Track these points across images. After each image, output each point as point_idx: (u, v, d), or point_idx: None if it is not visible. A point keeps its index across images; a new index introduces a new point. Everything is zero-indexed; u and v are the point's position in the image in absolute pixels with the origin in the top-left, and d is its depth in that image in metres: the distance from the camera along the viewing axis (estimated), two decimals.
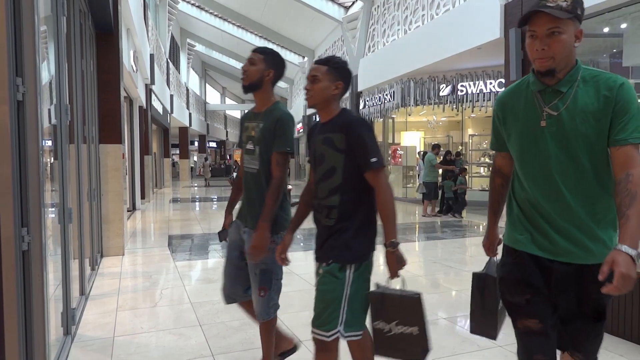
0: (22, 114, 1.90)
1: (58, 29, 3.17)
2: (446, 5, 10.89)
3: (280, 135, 2.29)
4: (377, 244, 2.05)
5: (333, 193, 1.98)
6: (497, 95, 1.79)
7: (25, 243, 1.90)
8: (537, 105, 1.59)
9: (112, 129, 5.79)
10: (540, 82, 1.58)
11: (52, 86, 3.25)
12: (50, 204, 3.11)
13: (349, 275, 1.95)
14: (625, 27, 7.27)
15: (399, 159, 13.87)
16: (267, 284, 2.36)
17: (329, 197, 1.99)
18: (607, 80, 1.51)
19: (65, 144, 3.25)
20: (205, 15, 22.16)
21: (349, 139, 1.93)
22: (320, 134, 2.03)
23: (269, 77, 2.35)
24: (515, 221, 1.70)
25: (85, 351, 3.03)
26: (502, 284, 1.72)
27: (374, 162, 1.90)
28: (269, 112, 2.36)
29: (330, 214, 2.00)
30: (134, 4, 8.34)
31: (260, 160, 2.35)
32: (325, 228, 2.03)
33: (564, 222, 1.56)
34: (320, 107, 2.02)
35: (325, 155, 2.00)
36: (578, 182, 1.54)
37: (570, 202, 1.55)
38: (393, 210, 1.93)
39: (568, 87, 1.53)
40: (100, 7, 4.94)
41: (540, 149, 1.59)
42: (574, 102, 1.52)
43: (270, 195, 2.26)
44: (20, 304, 1.87)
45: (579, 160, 1.53)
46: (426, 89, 12.45)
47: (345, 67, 2.05)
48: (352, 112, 2.07)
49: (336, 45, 18.85)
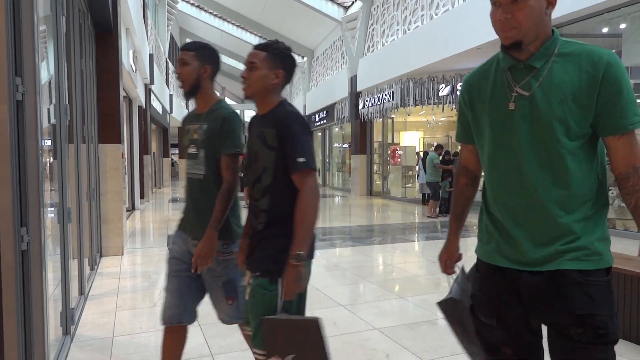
0: (21, 113, 1.89)
1: (57, 28, 3.17)
2: (445, 5, 10.89)
3: (228, 137, 2.09)
4: (315, 250, 1.90)
5: (264, 194, 1.79)
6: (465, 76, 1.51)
7: (25, 243, 1.90)
8: (506, 85, 1.34)
9: (111, 129, 5.79)
10: (510, 57, 1.32)
11: (52, 86, 3.24)
12: (50, 203, 3.11)
13: (281, 287, 1.75)
14: (624, 27, 7.28)
15: (398, 159, 13.87)
16: (233, 293, 2.20)
17: (261, 199, 1.81)
18: (590, 54, 1.25)
19: (64, 143, 3.25)
20: (204, 15, 22.15)
21: (280, 135, 1.74)
22: (256, 128, 1.84)
23: (206, 74, 2.16)
24: (483, 228, 1.46)
25: (84, 351, 3.03)
26: (473, 302, 1.49)
27: (300, 162, 1.70)
28: (212, 111, 2.16)
29: (260, 217, 1.81)
30: (133, 4, 8.33)
31: (206, 164, 2.15)
32: (255, 233, 1.84)
33: (536, 226, 1.31)
34: (258, 98, 1.81)
35: (258, 153, 1.80)
36: (553, 174, 1.29)
37: (544, 201, 1.29)
38: (312, 219, 1.71)
39: (543, 61, 1.28)
40: (100, 7, 4.93)
41: (509, 137, 1.33)
42: (548, 80, 1.27)
43: (221, 201, 2.06)
44: (20, 303, 1.86)
45: (554, 148, 1.27)
46: (425, 89, 12.44)
47: (287, 53, 1.85)
48: (290, 105, 1.85)
49: (335, 45, 18.85)
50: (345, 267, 5.38)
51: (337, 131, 20.25)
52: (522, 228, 1.33)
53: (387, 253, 6.54)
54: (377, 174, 15.75)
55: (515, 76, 1.32)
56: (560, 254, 1.28)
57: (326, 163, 21.30)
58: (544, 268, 1.30)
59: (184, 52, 2.15)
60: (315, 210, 1.73)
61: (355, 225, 9.15)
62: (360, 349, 3.01)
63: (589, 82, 1.24)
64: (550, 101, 1.26)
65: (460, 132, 1.57)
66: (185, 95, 2.20)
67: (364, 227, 8.89)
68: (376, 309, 3.84)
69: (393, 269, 5.52)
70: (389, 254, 6.47)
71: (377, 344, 3.10)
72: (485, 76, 1.42)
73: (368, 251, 6.42)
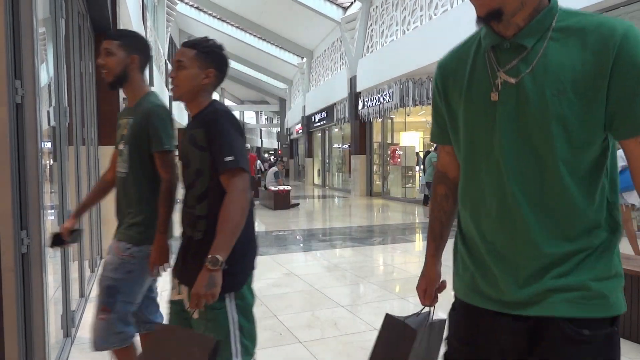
0: (21, 116, 1.89)
1: (57, 30, 3.17)
2: (444, 5, 10.91)
3: (155, 133, 1.94)
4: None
5: (200, 200, 1.66)
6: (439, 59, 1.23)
7: (25, 245, 1.90)
8: (489, 69, 1.02)
9: (111, 131, 5.77)
10: (493, 32, 1.01)
11: (51, 88, 3.25)
12: (50, 206, 3.11)
13: (229, 303, 1.61)
14: None
15: (398, 159, 13.88)
16: (109, 304, 1.95)
17: (197, 206, 1.66)
18: (599, 27, 0.92)
19: (64, 145, 3.25)
20: (203, 16, 22.16)
21: (208, 134, 1.62)
22: (187, 131, 1.72)
23: (134, 64, 2.00)
24: (458, 257, 1.17)
25: (85, 353, 3.03)
26: (447, 348, 1.20)
27: (229, 161, 1.56)
28: (138, 105, 2.03)
29: (198, 225, 1.66)
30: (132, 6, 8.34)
31: (130, 162, 2.00)
32: (192, 241, 1.68)
33: (519, 256, 1.00)
34: (187, 99, 1.69)
35: (189, 156, 1.68)
36: (545, 192, 0.98)
37: (530, 224, 0.98)
38: (236, 222, 1.54)
39: (536, 39, 0.96)
40: (99, 9, 4.94)
41: (489, 138, 1.02)
42: (543, 64, 0.95)
43: (162, 203, 1.93)
44: (20, 306, 1.86)
45: (548, 158, 0.96)
46: (425, 89, 12.44)
47: (217, 51, 1.71)
48: (221, 104, 1.73)
49: (335, 45, 18.86)
50: (345, 268, 5.38)
51: (336, 132, 20.26)
52: (502, 259, 1.02)
53: (387, 253, 6.54)
54: (377, 175, 15.76)
55: (500, 58, 1.01)
56: (550, 293, 0.97)
57: (326, 164, 21.31)
58: (529, 312, 0.99)
59: (109, 41, 1.98)
60: (242, 213, 1.56)
61: (355, 225, 9.15)
62: (360, 349, 3.01)
63: (598, 65, 0.91)
64: (544, 92, 0.94)
65: (435, 130, 1.25)
66: (109, 86, 2.04)
67: (364, 227, 8.89)
68: (377, 309, 3.84)
69: (393, 269, 5.51)
70: (390, 255, 6.47)
71: None
72: (464, 59, 1.09)
73: (368, 252, 6.42)
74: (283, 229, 8.63)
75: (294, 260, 5.86)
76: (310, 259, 5.97)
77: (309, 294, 4.28)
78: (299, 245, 7.02)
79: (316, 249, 6.65)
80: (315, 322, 3.54)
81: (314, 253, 6.33)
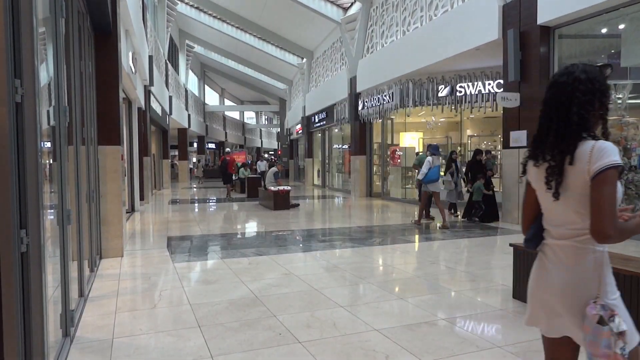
0: (20, 115, 1.89)
1: (57, 30, 3.17)
2: (444, 6, 10.91)
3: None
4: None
5: None
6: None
7: (24, 245, 1.90)
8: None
9: (110, 131, 5.79)
10: None
11: (51, 88, 3.25)
12: (49, 205, 3.10)
13: None
14: (623, 28, 7.28)
15: (397, 160, 13.88)
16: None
17: None
18: None
19: (64, 145, 3.25)
20: (204, 16, 22.17)
21: None
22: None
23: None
24: None
25: (84, 353, 3.03)
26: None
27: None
28: None
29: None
30: (132, 6, 8.35)
31: None
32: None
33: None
34: None
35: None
36: None
37: None
38: None
39: None
40: (99, 9, 4.94)
41: None
42: None
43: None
44: (19, 305, 1.86)
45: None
46: (425, 89, 12.45)
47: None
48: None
49: (335, 46, 18.86)
50: (345, 268, 5.38)
51: (336, 132, 20.26)
52: None
53: (386, 254, 6.53)
54: (376, 175, 15.75)
55: None
56: None
57: (326, 164, 21.30)
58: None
59: None
60: None
61: (355, 226, 9.15)
62: (360, 349, 3.01)
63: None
64: None
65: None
66: None
67: (364, 228, 8.89)
68: (376, 309, 3.83)
69: (393, 269, 5.51)
70: (389, 255, 6.47)
71: (377, 344, 3.10)
72: None
73: (368, 252, 6.42)
74: (283, 230, 8.63)
75: (294, 260, 5.85)
76: (310, 260, 5.97)
77: (309, 295, 4.28)
78: (298, 245, 7.02)
79: (316, 249, 6.65)
80: (315, 322, 3.53)
81: (313, 253, 6.33)
